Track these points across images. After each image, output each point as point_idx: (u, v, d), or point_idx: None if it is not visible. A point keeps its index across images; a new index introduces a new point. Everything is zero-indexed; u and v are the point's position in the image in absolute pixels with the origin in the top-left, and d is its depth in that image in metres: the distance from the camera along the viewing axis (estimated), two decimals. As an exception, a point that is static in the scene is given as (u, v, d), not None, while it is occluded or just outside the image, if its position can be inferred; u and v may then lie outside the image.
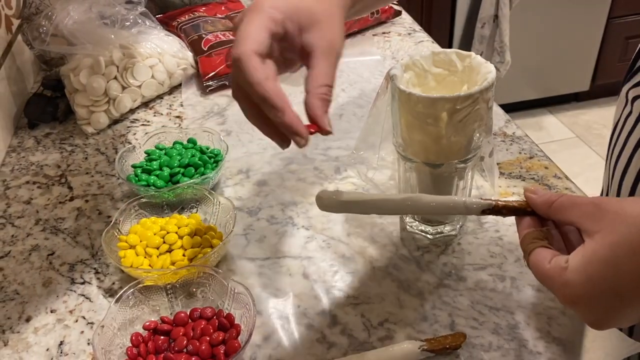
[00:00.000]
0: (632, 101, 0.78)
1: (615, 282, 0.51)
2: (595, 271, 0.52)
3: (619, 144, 0.80)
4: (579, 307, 0.54)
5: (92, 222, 0.96)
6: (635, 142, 0.76)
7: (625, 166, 0.78)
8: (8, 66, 1.24)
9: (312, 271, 0.84)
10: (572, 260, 0.54)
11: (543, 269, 0.56)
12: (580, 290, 0.53)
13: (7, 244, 0.93)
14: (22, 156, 1.14)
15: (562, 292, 0.54)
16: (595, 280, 0.52)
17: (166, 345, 0.73)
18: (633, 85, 0.79)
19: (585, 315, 0.55)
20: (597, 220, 0.53)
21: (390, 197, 0.70)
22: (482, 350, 0.72)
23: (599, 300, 0.52)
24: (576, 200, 0.57)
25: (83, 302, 0.82)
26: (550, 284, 0.56)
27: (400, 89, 0.74)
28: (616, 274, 0.51)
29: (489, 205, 0.65)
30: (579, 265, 0.53)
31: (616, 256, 0.51)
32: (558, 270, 0.54)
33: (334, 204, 0.68)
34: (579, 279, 0.53)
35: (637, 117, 0.77)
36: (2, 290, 0.85)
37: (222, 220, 0.89)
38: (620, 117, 0.81)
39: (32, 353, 0.76)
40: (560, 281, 0.54)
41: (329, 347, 0.74)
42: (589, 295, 0.52)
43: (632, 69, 0.82)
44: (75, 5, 1.22)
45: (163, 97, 1.31)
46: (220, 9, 1.57)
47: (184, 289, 0.78)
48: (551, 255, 0.56)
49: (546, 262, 0.56)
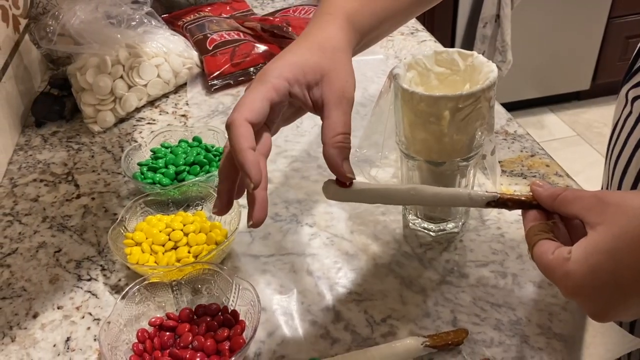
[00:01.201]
0: (632, 101, 0.78)
1: (617, 273, 0.51)
2: (596, 262, 0.52)
3: (619, 144, 0.80)
4: (580, 298, 0.54)
5: (99, 219, 0.96)
6: (636, 142, 0.76)
7: (625, 166, 0.78)
8: (15, 65, 1.24)
9: (315, 268, 0.84)
10: (574, 251, 0.54)
11: (546, 260, 0.56)
12: (581, 281, 0.53)
13: (14, 241, 0.93)
14: (30, 154, 1.14)
15: (564, 282, 0.55)
16: (597, 272, 0.52)
17: (172, 341, 0.73)
18: (633, 85, 0.79)
19: (587, 306, 0.55)
20: (600, 212, 0.54)
21: (396, 187, 0.69)
22: (484, 346, 0.72)
23: (601, 292, 0.52)
24: (579, 194, 0.58)
25: (89, 299, 0.82)
26: (552, 275, 0.56)
27: (403, 88, 0.74)
28: (617, 265, 0.51)
29: (493, 198, 0.65)
30: (581, 256, 0.53)
31: (617, 248, 0.51)
32: (560, 261, 0.55)
33: (340, 193, 0.68)
34: (580, 270, 0.53)
35: (637, 117, 0.77)
36: (10, 287, 0.85)
37: (227, 217, 0.89)
38: (620, 117, 0.81)
39: (39, 349, 0.76)
40: (562, 272, 0.54)
41: (333, 342, 0.74)
42: (591, 286, 0.53)
43: (631, 69, 0.82)
44: (82, 5, 1.22)
45: (169, 96, 1.31)
46: (225, 8, 1.57)
47: (189, 285, 0.78)
48: (555, 247, 0.57)
49: (549, 254, 0.56)
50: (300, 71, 0.66)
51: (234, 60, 1.31)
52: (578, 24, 3.24)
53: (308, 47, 0.69)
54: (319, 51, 0.68)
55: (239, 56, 1.32)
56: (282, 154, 1.08)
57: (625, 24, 3.29)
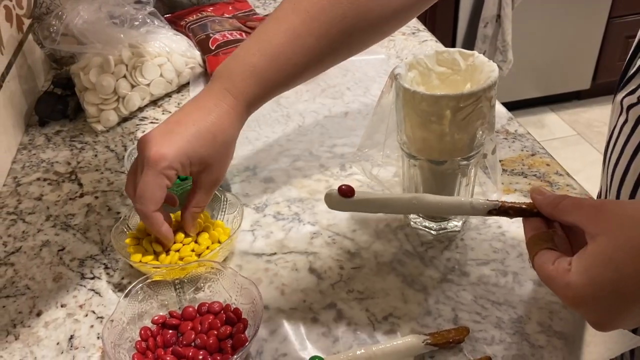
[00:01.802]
0: (627, 109, 0.78)
1: (618, 284, 0.51)
2: (597, 274, 0.52)
3: (616, 152, 0.80)
4: (582, 309, 0.54)
5: (102, 218, 0.96)
6: (633, 150, 0.76)
7: (623, 174, 0.78)
8: (19, 65, 1.24)
9: (317, 266, 0.84)
10: (575, 262, 0.54)
11: (547, 271, 0.57)
12: (583, 292, 0.53)
13: (18, 239, 0.93)
14: (33, 153, 1.14)
15: (564, 293, 0.55)
16: (598, 283, 0.52)
17: (174, 339, 0.73)
18: (627, 93, 0.79)
19: (589, 316, 0.55)
20: (600, 222, 0.54)
21: (398, 196, 0.70)
22: (485, 344, 0.72)
23: (602, 302, 0.52)
24: (579, 203, 0.58)
25: (93, 297, 0.82)
26: (553, 286, 0.56)
27: (404, 88, 0.74)
28: (618, 276, 0.51)
29: (495, 206, 0.65)
30: (581, 267, 0.53)
31: (618, 259, 0.51)
32: (561, 272, 0.55)
33: (342, 203, 0.69)
34: (581, 281, 0.53)
35: (633, 125, 0.76)
36: (14, 285, 0.85)
37: (230, 216, 0.89)
38: (616, 125, 0.81)
39: (43, 347, 0.76)
40: (563, 283, 0.54)
41: (335, 341, 0.74)
42: (592, 297, 0.53)
43: (624, 76, 0.82)
44: (85, 5, 1.22)
45: (171, 95, 1.31)
46: (227, 8, 1.57)
47: (192, 284, 0.78)
48: (555, 257, 0.57)
49: (550, 264, 0.57)
50: (187, 161, 0.77)
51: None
52: (578, 24, 3.24)
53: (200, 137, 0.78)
54: (210, 143, 0.79)
55: (241, 56, 1.32)
56: (284, 153, 1.08)
57: (625, 23, 3.29)
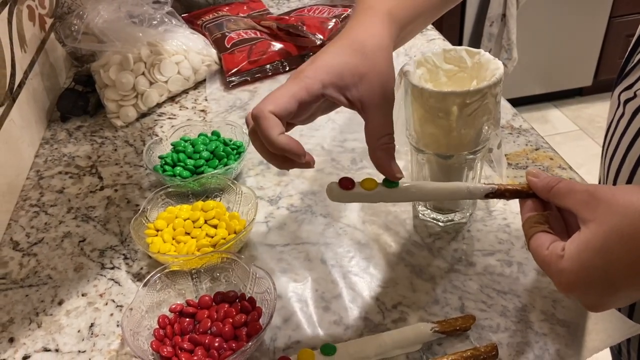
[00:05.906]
0: (624, 103, 0.78)
1: (607, 270, 0.51)
2: (588, 260, 0.52)
3: (613, 144, 0.80)
4: (574, 293, 0.55)
5: (121, 210, 0.96)
6: (629, 142, 0.76)
7: (619, 165, 0.78)
8: (42, 62, 1.24)
9: (329, 257, 0.84)
10: (567, 248, 0.54)
11: (542, 255, 0.57)
12: (574, 278, 0.53)
13: (40, 231, 0.93)
14: (55, 148, 1.15)
15: (557, 278, 0.55)
16: (589, 269, 0.52)
17: (191, 326, 0.73)
18: (624, 88, 0.79)
19: (581, 299, 0.55)
20: (592, 209, 0.54)
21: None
22: (491, 332, 0.71)
23: (593, 287, 0.53)
24: (573, 187, 0.58)
25: (112, 286, 0.82)
26: (547, 270, 0.56)
27: (413, 85, 0.73)
28: (608, 262, 0.51)
29: (492, 189, 0.66)
30: (573, 253, 0.53)
31: (607, 245, 0.51)
32: (555, 258, 0.55)
33: (343, 194, 0.68)
34: (573, 267, 0.53)
35: (629, 118, 0.76)
36: (36, 275, 0.85)
37: (244, 208, 0.89)
38: (614, 119, 0.81)
39: (64, 334, 0.76)
40: (556, 269, 0.55)
41: (346, 328, 0.74)
42: (583, 282, 0.53)
43: (622, 72, 0.81)
44: (105, 4, 1.22)
45: (188, 92, 1.31)
46: (242, 8, 1.57)
47: (208, 273, 0.78)
48: (550, 241, 0.57)
49: (544, 249, 0.57)
50: (337, 75, 0.63)
51: (251, 58, 1.31)
52: (580, 24, 3.23)
53: (348, 47, 0.65)
54: (359, 52, 0.65)
55: (256, 54, 1.32)
56: (296, 147, 1.07)
57: (626, 22, 3.27)
